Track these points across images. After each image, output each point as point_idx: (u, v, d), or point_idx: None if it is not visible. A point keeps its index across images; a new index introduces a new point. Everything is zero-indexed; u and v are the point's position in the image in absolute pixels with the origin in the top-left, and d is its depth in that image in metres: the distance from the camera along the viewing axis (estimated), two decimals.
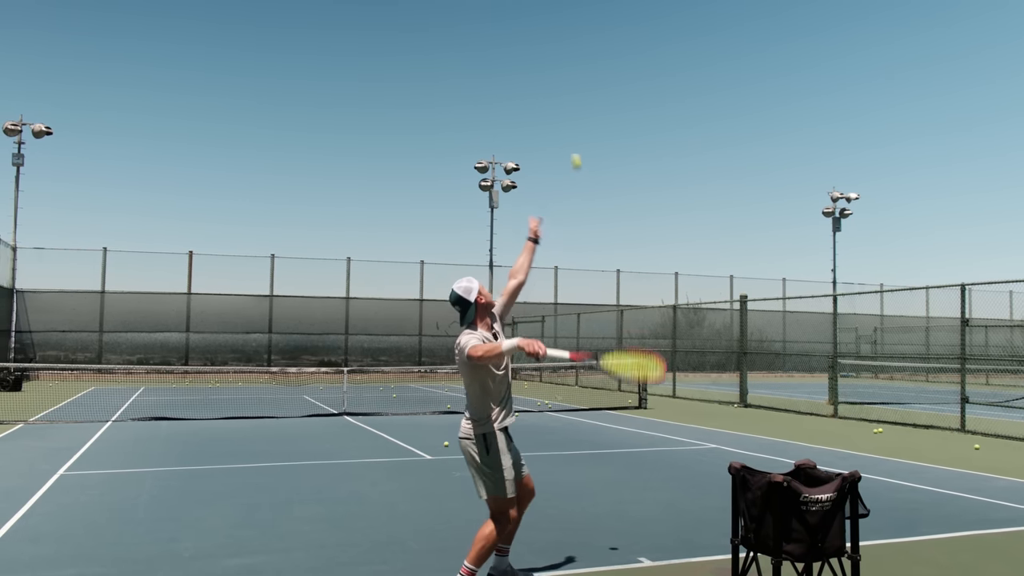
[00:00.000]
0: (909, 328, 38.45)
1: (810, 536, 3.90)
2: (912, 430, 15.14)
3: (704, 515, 7.45)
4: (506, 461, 4.93)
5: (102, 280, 33.08)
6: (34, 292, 32.14)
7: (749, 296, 22.22)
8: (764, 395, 23.22)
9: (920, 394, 26.25)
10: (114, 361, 32.24)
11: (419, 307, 37.18)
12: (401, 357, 36.51)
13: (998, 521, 7.39)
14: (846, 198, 41.57)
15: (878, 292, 24.35)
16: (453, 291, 5.15)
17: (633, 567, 5.78)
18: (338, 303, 36.15)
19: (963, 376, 15.72)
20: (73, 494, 8.29)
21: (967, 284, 15.15)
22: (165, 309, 33.80)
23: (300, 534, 6.64)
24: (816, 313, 36.80)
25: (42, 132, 31.36)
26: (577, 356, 4.89)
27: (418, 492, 8.62)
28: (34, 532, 6.65)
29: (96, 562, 5.77)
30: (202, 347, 34.20)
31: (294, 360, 34.60)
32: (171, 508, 7.66)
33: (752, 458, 11.04)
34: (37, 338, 31.94)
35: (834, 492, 3.97)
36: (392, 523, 7.12)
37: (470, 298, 5.10)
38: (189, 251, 34.19)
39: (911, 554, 6.18)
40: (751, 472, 4.22)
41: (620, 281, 40.81)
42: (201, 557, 5.91)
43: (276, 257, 35.22)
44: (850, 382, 30.46)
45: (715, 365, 37.69)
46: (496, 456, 4.91)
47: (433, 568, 5.70)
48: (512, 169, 37.11)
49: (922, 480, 9.56)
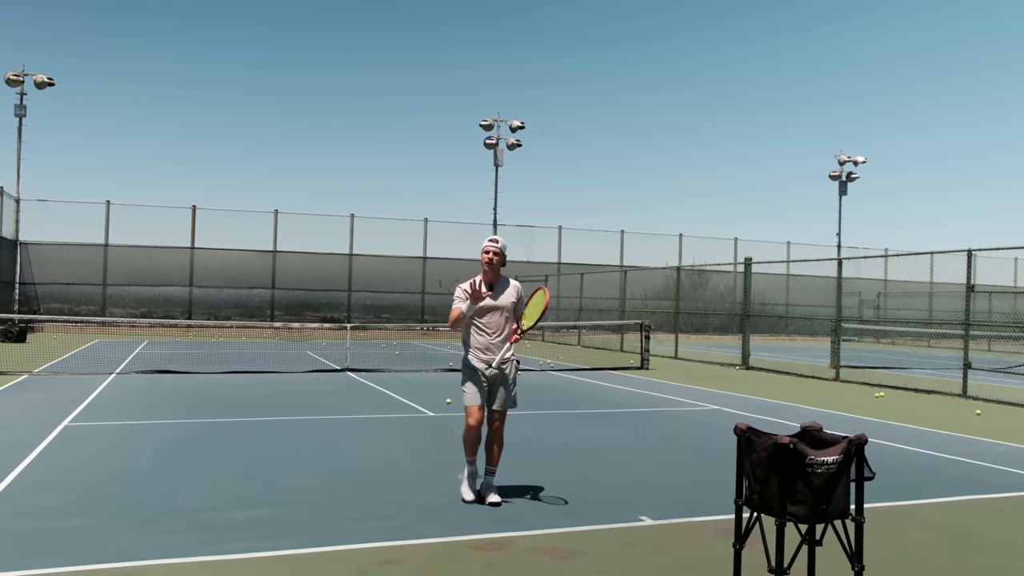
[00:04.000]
0: (913, 293, 38.38)
1: (815, 498, 3.89)
2: (914, 395, 15.17)
3: (705, 476, 7.47)
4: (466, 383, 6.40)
5: (106, 233, 33.03)
6: (38, 244, 32.11)
7: (753, 259, 22.13)
8: (766, 358, 23.26)
9: (922, 359, 26.28)
10: (117, 314, 32.32)
11: (422, 265, 37.13)
12: (404, 315, 36.56)
13: (999, 486, 7.42)
14: (853, 161, 41.26)
15: (883, 257, 24.28)
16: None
17: (635, 525, 5.81)
18: (341, 259, 36.10)
19: (966, 342, 15.71)
20: (78, 445, 8.34)
21: (973, 250, 15.07)
22: (168, 263, 33.78)
23: (304, 488, 6.68)
24: (820, 277, 36.73)
25: (44, 83, 31.06)
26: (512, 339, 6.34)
27: (420, 448, 8.66)
28: (40, 482, 6.69)
29: (101, 512, 5.81)
30: (205, 301, 34.24)
31: (296, 316, 34.64)
32: (175, 461, 7.70)
33: (754, 420, 11.07)
34: (41, 290, 31.99)
35: (840, 455, 3.95)
36: (395, 478, 7.16)
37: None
38: (192, 205, 34.12)
39: (912, 517, 6.20)
40: (757, 433, 4.20)
41: (624, 242, 40.72)
42: (206, 509, 5.95)
43: (280, 213, 35.11)
44: (852, 346, 30.45)
45: (717, 327, 37.70)
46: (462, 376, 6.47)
47: (436, 523, 5.74)
48: (517, 127, 36.80)
49: (923, 445, 9.58)
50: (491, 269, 6.37)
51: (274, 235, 35.11)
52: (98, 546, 5.04)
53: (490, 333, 6.33)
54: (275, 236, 35.13)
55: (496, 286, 6.39)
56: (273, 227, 35.06)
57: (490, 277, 6.38)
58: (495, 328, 6.34)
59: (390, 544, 5.22)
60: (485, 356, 6.30)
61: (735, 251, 41.67)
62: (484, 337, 6.33)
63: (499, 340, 6.34)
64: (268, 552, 5.00)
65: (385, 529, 5.56)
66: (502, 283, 6.43)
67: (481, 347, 6.33)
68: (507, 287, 6.44)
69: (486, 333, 6.34)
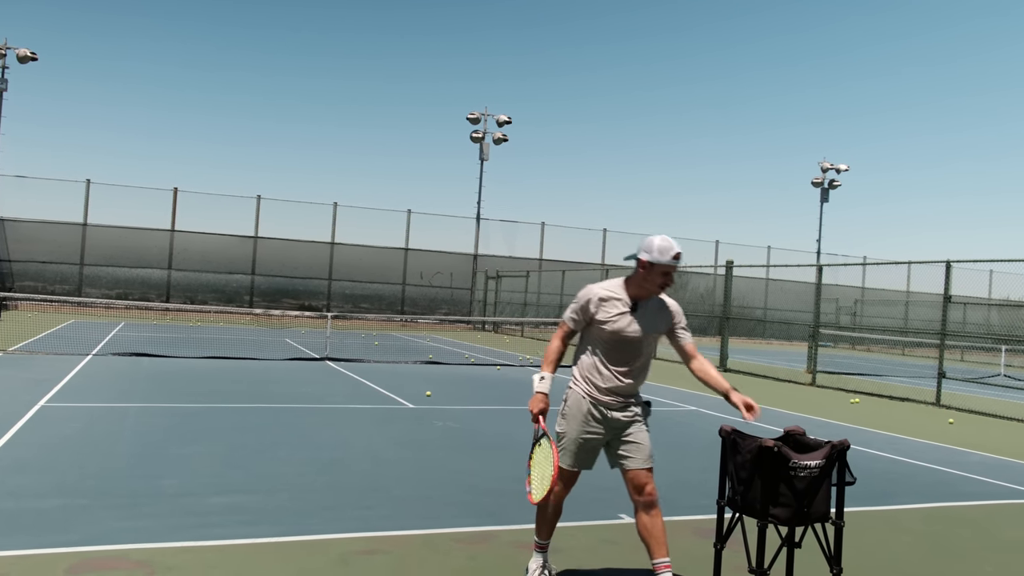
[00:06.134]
0: (889, 301, 38.79)
1: (797, 501, 3.95)
2: (888, 402, 15.34)
3: (684, 476, 7.52)
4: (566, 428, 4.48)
5: (84, 212, 32.67)
6: (14, 221, 31.71)
7: (734, 262, 22.27)
8: (744, 360, 23.42)
9: (897, 367, 26.57)
10: (94, 295, 31.98)
11: (404, 256, 37.04)
12: (383, 305, 36.45)
13: (971, 494, 7.54)
14: (836, 169, 41.60)
15: (862, 265, 24.52)
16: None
17: (614, 523, 5.86)
18: (323, 248, 35.94)
19: (942, 351, 15.91)
20: (55, 426, 8.27)
21: (952, 260, 15.25)
22: (147, 245, 33.46)
23: (285, 476, 6.67)
24: (799, 282, 37.07)
25: (27, 57, 30.65)
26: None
27: (401, 440, 8.66)
28: (17, 462, 6.63)
29: (80, 494, 5.77)
30: (183, 285, 33.97)
31: (275, 303, 34.45)
32: (155, 445, 7.66)
33: (730, 422, 11.11)
34: (16, 268, 31.59)
35: (822, 459, 4.01)
36: (376, 469, 7.16)
37: (637, 253, 4.30)
38: (174, 188, 33.80)
39: (889, 522, 6.29)
40: (741, 436, 4.26)
41: (606, 240, 40.83)
42: (185, 494, 5.92)
43: (262, 198, 34.91)
44: (828, 352, 30.76)
45: (696, 329, 37.74)
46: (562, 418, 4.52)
47: (417, 515, 5.75)
48: (504, 122, 36.79)
49: (898, 451, 9.71)
50: (655, 288, 4.34)
51: (256, 221, 34.89)
52: (77, 528, 5.01)
53: (620, 367, 4.40)
54: (257, 222, 34.91)
55: (642, 304, 4.38)
56: (255, 212, 34.85)
57: (639, 293, 4.37)
58: (628, 361, 4.41)
59: (371, 535, 5.23)
60: (605, 398, 4.41)
61: (716, 253, 41.90)
62: (608, 371, 4.40)
63: (631, 381, 4.46)
64: (249, 539, 4.99)
65: (366, 519, 5.57)
66: (652, 302, 4.42)
67: (601, 384, 4.41)
68: (660, 309, 4.44)
69: (614, 366, 4.40)
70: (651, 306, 4.39)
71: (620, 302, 4.34)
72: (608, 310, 4.33)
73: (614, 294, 4.35)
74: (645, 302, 4.37)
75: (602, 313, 4.33)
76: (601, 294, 4.35)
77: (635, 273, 4.34)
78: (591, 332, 4.43)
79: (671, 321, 4.48)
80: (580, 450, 4.45)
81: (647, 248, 4.24)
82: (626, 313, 4.32)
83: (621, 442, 4.43)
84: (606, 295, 4.35)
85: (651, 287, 4.30)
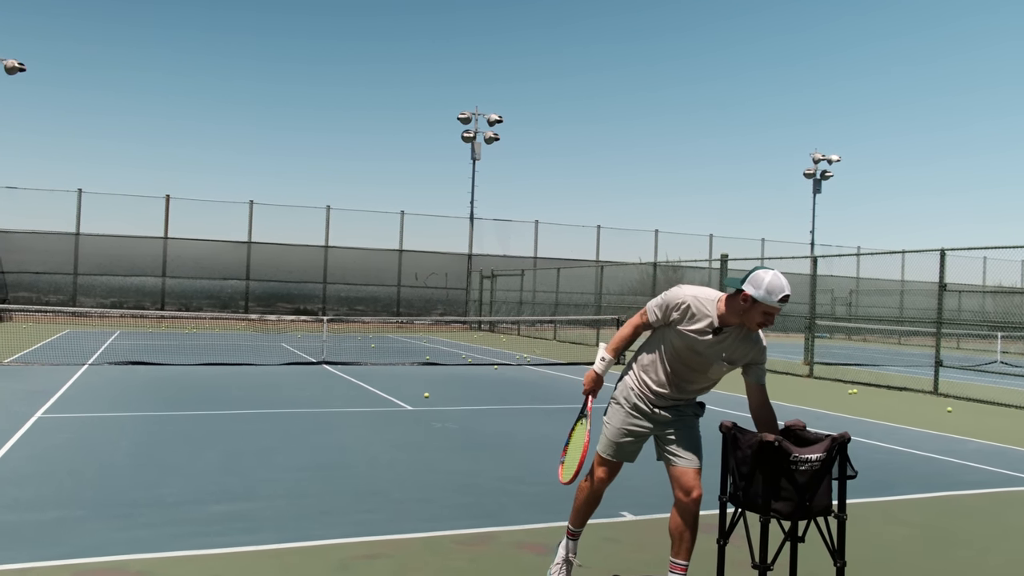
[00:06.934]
0: (884, 291, 38.85)
1: (798, 495, 3.93)
2: (886, 392, 15.36)
3: None
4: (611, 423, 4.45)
5: (77, 222, 32.57)
6: (7, 232, 31.60)
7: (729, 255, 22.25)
8: None
9: (893, 356, 26.62)
10: (88, 304, 31.89)
11: (398, 257, 37.00)
12: (378, 307, 36.41)
13: (970, 483, 7.54)
14: (827, 160, 41.65)
15: (856, 255, 24.56)
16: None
17: (616, 521, 5.84)
18: (317, 251, 35.89)
19: (938, 340, 15.93)
20: (52, 437, 8.22)
21: (947, 249, 15.27)
22: (141, 253, 33.38)
23: (283, 482, 6.64)
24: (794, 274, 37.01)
25: (15, 68, 30.46)
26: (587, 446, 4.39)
27: (400, 443, 8.63)
28: (14, 474, 6.59)
29: (79, 505, 5.74)
30: (178, 292, 33.90)
31: (270, 308, 34.40)
32: (153, 453, 7.62)
33: (728, 415, 11.15)
34: (10, 279, 31.49)
35: (823, 453, 4.00)
36: (374, 473, 7.14)
37: (743, 284, 3.94)
38: (166, 195, 33.72)
39: (889, 513, 6.29)
40: (742, 431, 4.24)
41: (600, 237, 40.83)
42: (185, 503, 5.89)
43: (255, 204, 34.84)
44: (824, 343, 30.76)
45: None
46: (610, 408, 4.50)
47: (417, 517, 5.73)
48: (495, 121, 36.77)
49: (896, 441, 9.71)
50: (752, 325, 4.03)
51: (249, 226, 34.83)
52: (76, 540, 4.97)
53: (681, 380, 4.25)
54: (250, 227, 34.85)
55: (729, 330, 4.06)
56: (248, 218, 34.78)
57: (731, 319, 4.03)
58: (691, 380, 4.26)
59: (372, 539, 5.21)
60: (655, 397, 4.28)
61: (710, 247, 41.94)
62: (665, 378, 4.25)
63: (686, 396, 4.35)
64: (250, 547, 4.96)
65: (366, 524, 5.54)
66: (741, 331, 4.08)
67: (654, 386, 4.27)
68: (745, 341, 4.11)
69: (675, 376, 4.24)
70: (738, 336, 4.07)
71: (708, 321, 4.04)
72: (691, 324, 4.07)
73: (705, 310, 4.04)
74: (732, 329, 4.05)
75: (684, 324, 4.08)
76: (693, 305, 4.06)
77: (735, 297, 3.98)
78: (665, 333, 4.19)
79: (750, 358, 4.14)
80: (623, 441, 4.38)
81: (756, 283, 3.88)
82: (709, 335, 4.04)
83: (669, 438, 4.30)
84: (696, 309, 4.05)
85: (747, 322, 3.99)
